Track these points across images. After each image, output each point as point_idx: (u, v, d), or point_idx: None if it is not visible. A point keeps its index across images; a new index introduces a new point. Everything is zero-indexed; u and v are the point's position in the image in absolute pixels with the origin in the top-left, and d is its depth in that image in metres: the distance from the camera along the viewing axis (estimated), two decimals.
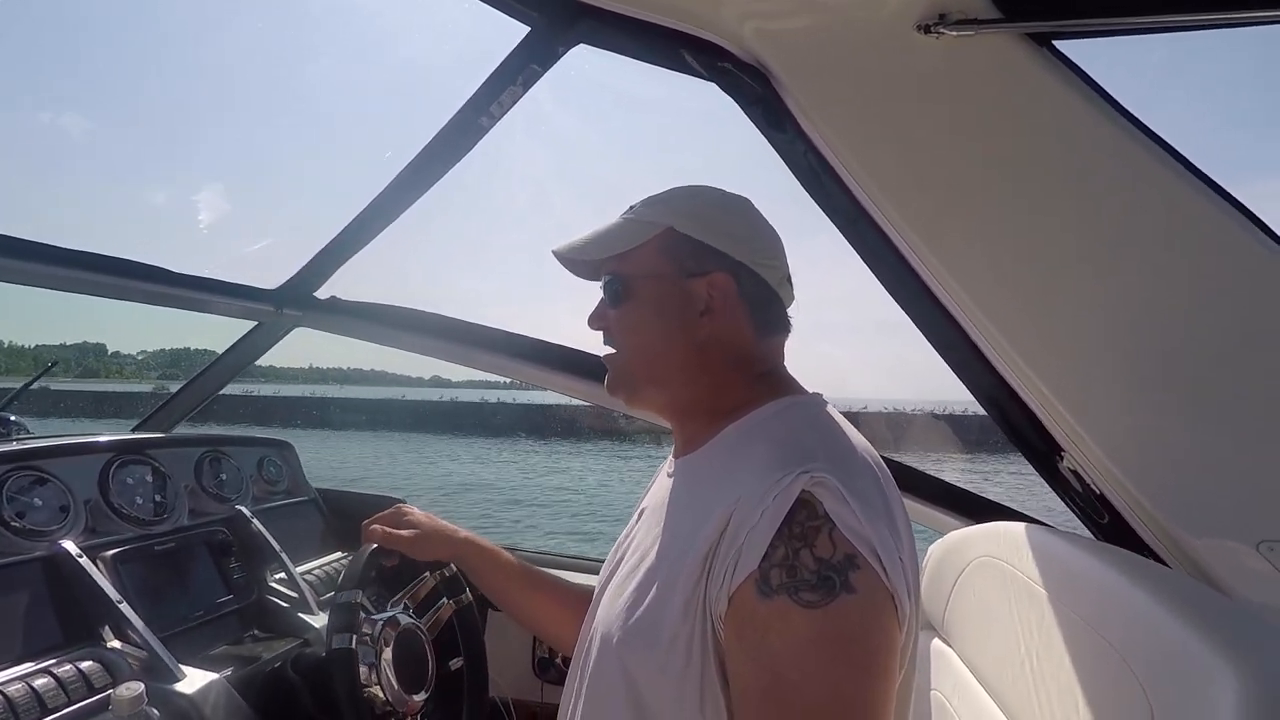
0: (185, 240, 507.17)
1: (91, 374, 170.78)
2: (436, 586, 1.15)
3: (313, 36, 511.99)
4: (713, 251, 0.78)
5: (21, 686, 0.88)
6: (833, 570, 0.59)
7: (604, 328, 0.85)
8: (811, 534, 0.61)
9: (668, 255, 0.79)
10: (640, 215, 0.81)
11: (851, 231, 1.21)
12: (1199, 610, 0.66)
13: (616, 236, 0.81)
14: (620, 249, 0.81)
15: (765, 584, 0.60)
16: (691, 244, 0.78)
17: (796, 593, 0.59)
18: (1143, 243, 1.01)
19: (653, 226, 0.79)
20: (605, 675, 0.72)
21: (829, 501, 0.61)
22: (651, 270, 0.80)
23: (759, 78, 1.11)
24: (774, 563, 0.60)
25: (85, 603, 1.03)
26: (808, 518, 0.61)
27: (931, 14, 0.94)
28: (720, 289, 0.78)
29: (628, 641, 0.69)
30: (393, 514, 1.06)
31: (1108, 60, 59.73)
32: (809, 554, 0.60)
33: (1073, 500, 1.23)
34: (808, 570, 0.59)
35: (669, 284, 0.79)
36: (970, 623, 0.98)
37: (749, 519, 0.63)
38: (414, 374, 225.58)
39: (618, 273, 0.81)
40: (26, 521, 1.06)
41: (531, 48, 1.21)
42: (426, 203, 1.54)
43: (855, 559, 0.59)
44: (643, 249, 0.80)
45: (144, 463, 1.31)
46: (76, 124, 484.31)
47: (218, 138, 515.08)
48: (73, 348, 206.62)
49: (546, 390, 1.75)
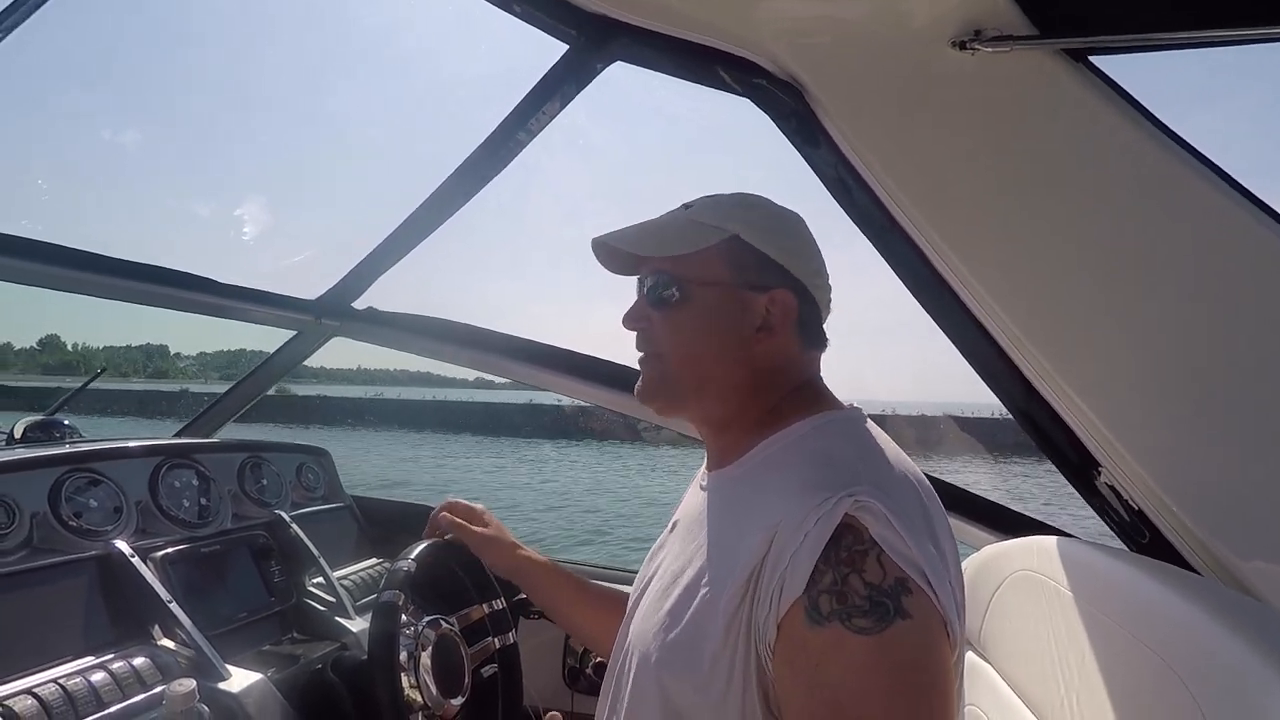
0: (227, 250, 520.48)
1: (160, 375, 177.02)
2: (484, 619, 1.17)
3: (358, 54, 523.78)
4: (777, 267, 0.75)
5: (80, 681, 0.91)
6: (885, 596, 0.58)
7: (643, 329, 0.81)
8: (859, 559, 0.59)
9: (731, 264, 0.76)
10: (703, 217, 0.77)
11: (884, 245, 1.21)
12: (1248, 621, 0.65)
13: (677, 236, 0.77)
14: (680, 250, 0.76)
15: (815, 611, 0.59)
16: (757, 256, 0.75)
17: (849, 619, 0.57)
18: (1180, 257, 1.00)
19: (718, 232, 0.75)
20: (643, 692, 0.71)
21: (875, 526, 0.60)
22: (711, 276, 0.76)
23: (793, 93, 1.12)
24: (822, 589, 0.59)
25: (137, 601, 1.07)
26: (854, 542, 0.60)
27: (966, 30, 0.95)
28: (781, 306, 0.75)
29: (666, 661, 0.68)
30: (470, 513, 1.09)
31: (1145, 74, 58.44)
32: (858, 579, 0.58)
33: (1111, 517, 1.22)
34: (859, 596, 0.58)
35: (728, 294, 0.76)
36: (1008, 638, 0.97)
37: (791, 542, 0.61)
38: (460, 375, 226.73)
39: (671, 274, 0.77)
40: (83, 521, 1.11)
41: (570, 64, 1.24)
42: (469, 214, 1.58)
43: (906, 583, 0.58)
44: (704, 253, 0.75)
45: (190, 466, 1.35)
46: (132, 139, 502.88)
47: (263, 152, 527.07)
48: (139, 349, 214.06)
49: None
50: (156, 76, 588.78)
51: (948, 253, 1.09)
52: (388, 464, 19.93)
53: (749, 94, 1.18)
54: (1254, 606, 0.72)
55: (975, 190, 1.05)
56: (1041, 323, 1.08)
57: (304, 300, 1.72)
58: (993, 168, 1.03)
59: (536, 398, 38.67)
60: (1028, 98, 0.99)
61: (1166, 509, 1.08)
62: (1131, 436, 1.06)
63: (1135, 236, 1.01)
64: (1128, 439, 1.06)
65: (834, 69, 1.05)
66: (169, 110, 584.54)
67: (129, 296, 1.48)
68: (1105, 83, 0.97)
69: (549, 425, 34.82)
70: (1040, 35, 0.94)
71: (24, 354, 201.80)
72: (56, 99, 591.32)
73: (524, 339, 1.70)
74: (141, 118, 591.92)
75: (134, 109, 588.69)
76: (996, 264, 1.07)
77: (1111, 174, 0.99)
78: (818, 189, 1.24)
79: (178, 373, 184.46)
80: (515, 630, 1.23)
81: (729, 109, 38.72)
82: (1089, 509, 1.25)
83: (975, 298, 1.13)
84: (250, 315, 1.69)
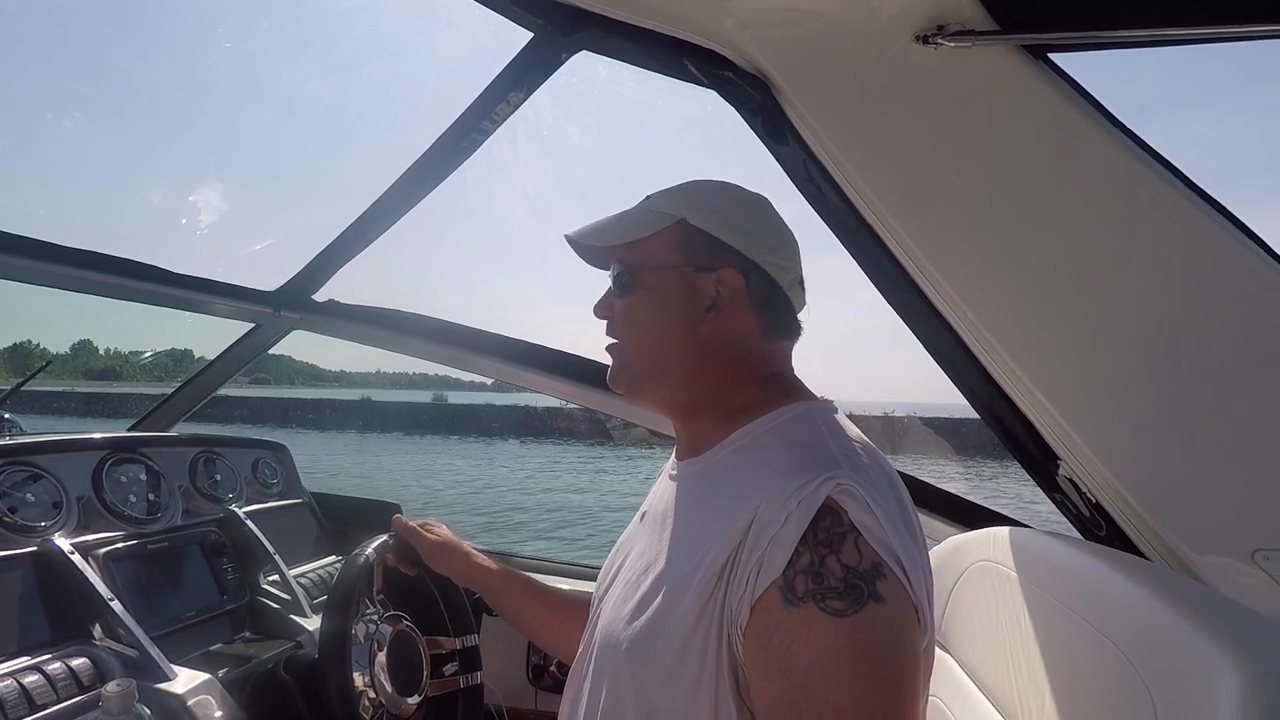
0: (183, 241, 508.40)
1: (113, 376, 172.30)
2: (452, 654, 1.15)
3: (315, 38, 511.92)
4: (724, 247, 0.76)
5: (10, 683, 0.87)
6: (860, 579, 0.58)
7: (609, 317, 0.83)
8: (838, 541, 0.59)
9: (679, 247, 0.78)
10: (656, 205, 0.80)
11: (850, 240, 1.22)
12: (1199, 606, 0.66)
13: (630, 224, 0.80)
14: (632, 237, 0.79)
15: (790, 592, 0.59)
16: (703, 237, 0.77)
17: (823, 600, 0.57)
18: (1138, 253, 1.02)
19: (667, 217, 0.78)
20: (612, 685, 0.70)
21: (854, 510, 0.60)
22: (661, 261, 0.78)
23: (759, 86, 1.12)
24: (799, 569, 0.59)
25: (76, 600, 1.02)
26: (833, 525, 0.60)
27: (929, 25, 0.96)
28: (728, 285, 0.76)
29: (635, 651, 0.67)
30: (421, 524, 1.09)
31: (1103, 73, 59.79)
32: (835, 561, 0.58)
33: (1069, 509, 1.24)
34: (834, 578, 0.58)
35: (677, 276, 0.77)
36: (967, 628, 0.98)
37: (771, 525, 0.61)
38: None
39: (627, 261, 0.80)
40: (19, 517, 1.06)
41: (535, 54, 1.22)
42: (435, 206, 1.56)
43: (881, 568, 0.58)
44: (654, 239, 0.78)
45: (138, 461, 1.30)
46: (75, 120, 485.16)
47: (216, 138, 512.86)
48: (165, 353, 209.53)
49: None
50: (104, 56, 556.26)
51: (912, 248, 1.10)
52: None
53: (716, 87, 1.17)
54: (1200, 590, 0.74)
55: (938, 185, 1.05)
56: (1004, 317, 1.09)
57: (262, 292, 1.68)
58: (955, 163, 1.04)
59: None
60: (989, 94, 1.00)
61: (1124, 501, 1.10)
62: (1091, 430, 1.08)
63: (1095, 234, 1.02)
64: (1087, 433, 1.08)
65: (799, 62, 1.05)
66: (115, 91, 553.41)
67: (77, 286, 1.42)
68: (1065, 80, 0.99)
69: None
70: (1001, 31, 0.95)
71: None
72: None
73: (491, 332, 1.68)
74: (87, 98, 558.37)
75: (79, 88, 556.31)
76: (960, 259, 1.08)
77: (1072, 172, 1.01)
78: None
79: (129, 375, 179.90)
80: (478, 630, 1.21)
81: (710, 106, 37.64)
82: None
83: (939, 292, 1.14)
84: (206, 307, 1.64)
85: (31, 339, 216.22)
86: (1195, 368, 1.03)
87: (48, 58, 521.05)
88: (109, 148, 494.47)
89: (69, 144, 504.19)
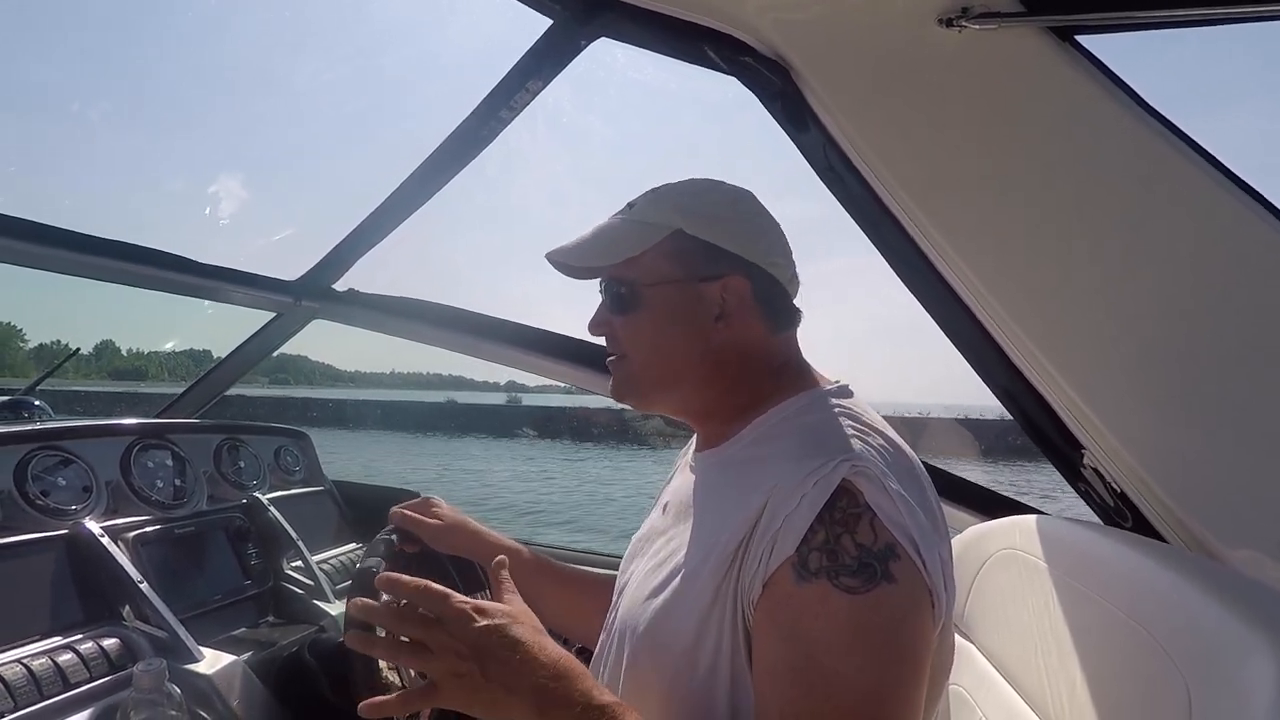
0: (203, 229, 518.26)
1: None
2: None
3: (335, 28, 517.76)
4: (724, 254, 0.74)
5: (45, 661, 0.89)
6: (874, 558, 0.58)
7: (606, 333, 0.80)
8: (853, 521, 0.60)
9: (677, 259, 0.75)
10: (644, 216, 0.77)
11: (871, 228, 1.20)
12: (1232, 591, 0.65)
13: (621, 241, 0.76)
14: (625, 255, 0.75)
15: (804, 568, 0.59)
16: (702, 246, 0.74)
17: (836, 577, 0.58)
18: (1166, 240, 1.00)
19: (660, 229, 0.75)
20: (631, 667, 0.71)
21: (870, 491, 0.60)
22: (661, 276, 0.75)
23: (780, 72, 1.11)
24: (813, 546, 0.59)
25: (106, 582, 1.04)
26: (849, 505, 0.60)
27: (953, 7, 0.94)
28: (735, 293, 0.74)
29: (653, 633, 0.69)
30: (420, 504, 1.05)
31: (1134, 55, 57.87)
32: (850, 540, 0.59)
33: (1094, 499, 1.22)
34: (848, 555, 0.58)
35: (680, 290, 0.75)
36: (991, 616, 0.97)
37: (786, 504, 0.62)
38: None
39: (623, 278, 0.77)
40: (51, 500, 1.08)
41: (554, 40, 1.22)
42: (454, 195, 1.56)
43: (895, 549, 0.59)
44: (650, 254, 0.75)
45: (164, 447, 1.32)
46: (100, 111, 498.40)
47: (233, 129, 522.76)
48: (185, 354, 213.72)
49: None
50: (125, 48, 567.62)
51: (934, 234, 1.09)
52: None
53: (736, 73, 1.16)
54: (1232, 575, 0.73)
55: (961, 171, 1.04)
56: (1027, 304, 1.07)
57: (283, 281, 1.70)
58: (978, 148, 1.02)
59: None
60: (1014, 77, 0.98)
61: (1148, 489, 1.08)
62: (1115, 417, 1.06)
63: (1121, 219, 1.00)
64: (1111, 419, 1.07)
65: (820, 46, 1.04)
66: (139, 82, 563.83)
67: (101, 274, 1.44)
68: (1092, 63, 0.97)
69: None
70: (1027, 13, 0.93)
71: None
72: (22, 69, 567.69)
73: (508, 321, 1.68)
74: (110, 89, 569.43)
75: (102, 80, 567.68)
76: (982, 245, 1.06)
77: (1097, 156, 0.99)
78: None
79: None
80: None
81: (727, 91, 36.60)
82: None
83: (961, 279, 1.13)
84: (228, 296, 1.66)
85: (60, 339, 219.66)
86: (1224, 356, 1.01)
87: (70, 49, 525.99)
88: (131, 140, 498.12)
89: (92, 136, 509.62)
